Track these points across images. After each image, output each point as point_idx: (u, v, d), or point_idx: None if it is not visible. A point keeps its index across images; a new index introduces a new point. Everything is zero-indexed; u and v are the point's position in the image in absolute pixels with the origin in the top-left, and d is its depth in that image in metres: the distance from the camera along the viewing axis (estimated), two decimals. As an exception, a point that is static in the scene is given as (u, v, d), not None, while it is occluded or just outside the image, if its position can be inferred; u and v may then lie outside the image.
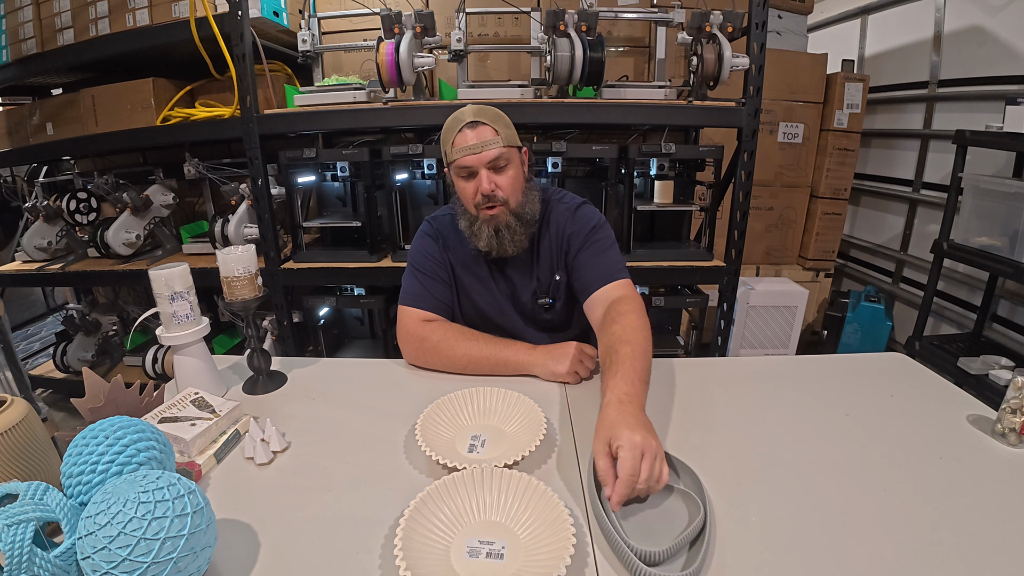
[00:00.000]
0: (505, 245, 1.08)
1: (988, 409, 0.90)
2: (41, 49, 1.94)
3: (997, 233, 1.98)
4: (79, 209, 2.25)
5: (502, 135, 1.03)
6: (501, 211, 1.06)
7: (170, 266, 0.92)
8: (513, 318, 1.20)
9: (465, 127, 1.02)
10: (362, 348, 2.35)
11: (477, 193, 1.05)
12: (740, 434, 0.85)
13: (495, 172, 1.05)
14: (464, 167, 1.04)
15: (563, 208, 1.16)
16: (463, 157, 1.03)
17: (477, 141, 1.02)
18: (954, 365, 2.09)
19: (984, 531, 0.64)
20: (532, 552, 0.60)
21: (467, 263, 1.18)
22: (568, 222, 1.14)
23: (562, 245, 1.15)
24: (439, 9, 1.96)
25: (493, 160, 1.03)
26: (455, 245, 1.17)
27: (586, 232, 1.13)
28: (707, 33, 1.67)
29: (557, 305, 1.19)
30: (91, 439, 0.62)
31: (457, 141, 1.03)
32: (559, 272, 1.16)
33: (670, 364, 1.08)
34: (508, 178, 1.05)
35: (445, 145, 1.06)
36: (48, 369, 2.50)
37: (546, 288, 1.18)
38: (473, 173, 1.04)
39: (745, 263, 2.39)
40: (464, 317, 1.21)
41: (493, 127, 1.03)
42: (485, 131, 1.02)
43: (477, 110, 1.04)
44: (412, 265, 1.17)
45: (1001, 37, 2.31)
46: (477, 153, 1.02)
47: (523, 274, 1.18)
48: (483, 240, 1.08)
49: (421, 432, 0.80)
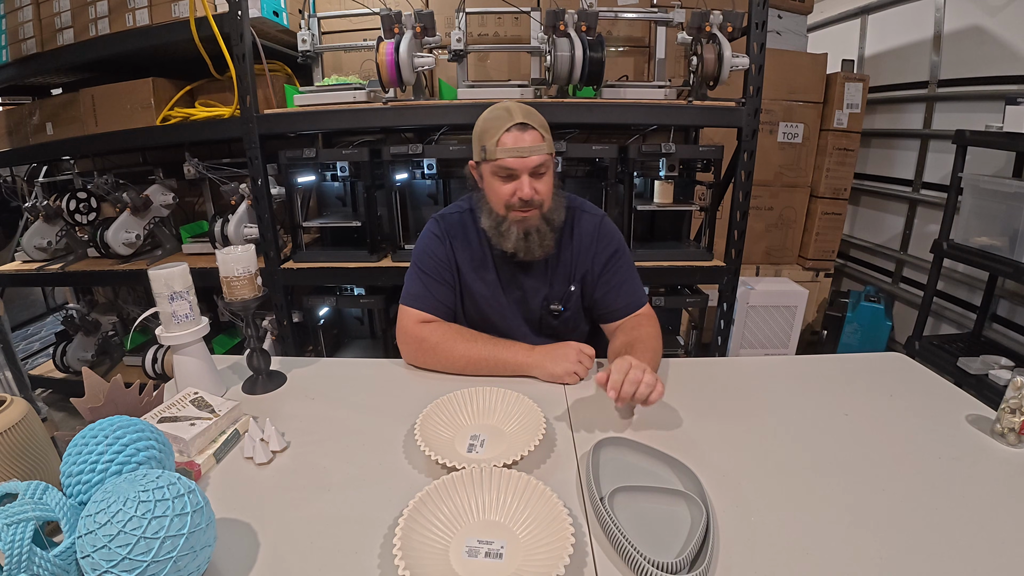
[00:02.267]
0: (533, 248, 1.08)
1: (987, 409, 0.90)
2: (41, 49, 1.94)
3: (997, 233, 1.98)
4: (79, 209, 2.25)
5: (546, 141, 1.03)
6: (534, 215, 1.06)
7: (170, 266, 0.92)
8: (517, 322, 1.19)
9: (514, 128, 1.00)
10: (362, 348, 2.35)
11: (514, 196, 1.03)
12: (740, 434, 0.85)
13: (535, 177, 1.04)
14: (507, 168, 1.02)
15: (587, 220, 1.17)
16: (508, 159, 1.01)
17: (526, 145, 1.00)
18: (954, 365, 2.08)
19: (983, 531, 0.64)
20: (531, 552, 0.60)
21: (476, 264, 1.16)
22: (594, 240, 1.15)
23: (584, 260, 1.15)
24: (439, 9, 1.96)
25: (537, 166, 1.02)
26: (464, 245, 1.16)
27: (609, 254, 1.15)
28: (707, 33, 1.67)
29: (567, 314, 1.19)
30: (91, 439, 0.62)
31: (504, 140, 1.00)
32: (575, 283, 1.17)
33: (670, 364, 1.09)
34: (545, 184, 1.05)
35: (485, 140, 1.03)
36: (48, 369, 2.50)
37: (559, 296, 1.18)
38: (513, 175, 1.03)
39: (745, 263, 2.39)
40: (466, 318, 1.21)
41: (541, 132, 1.02)
42: (534, 135, 1.01)
43: (526, 111, 1.02)
44: (416, 265, 1.16)
45: (1001, 37, 2.31)
46: (524, 157, 1.00)
47: (537, 279, 1.17)
48: (511, 242, 1.07)
49: (420, 432, 0.80)
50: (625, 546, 0.59)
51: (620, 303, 1.15)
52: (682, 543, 0.61)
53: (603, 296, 1.16)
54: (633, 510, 0.67)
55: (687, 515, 0.67)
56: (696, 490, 0.68)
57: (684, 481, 0.72)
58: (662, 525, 0.65)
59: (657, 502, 0.69)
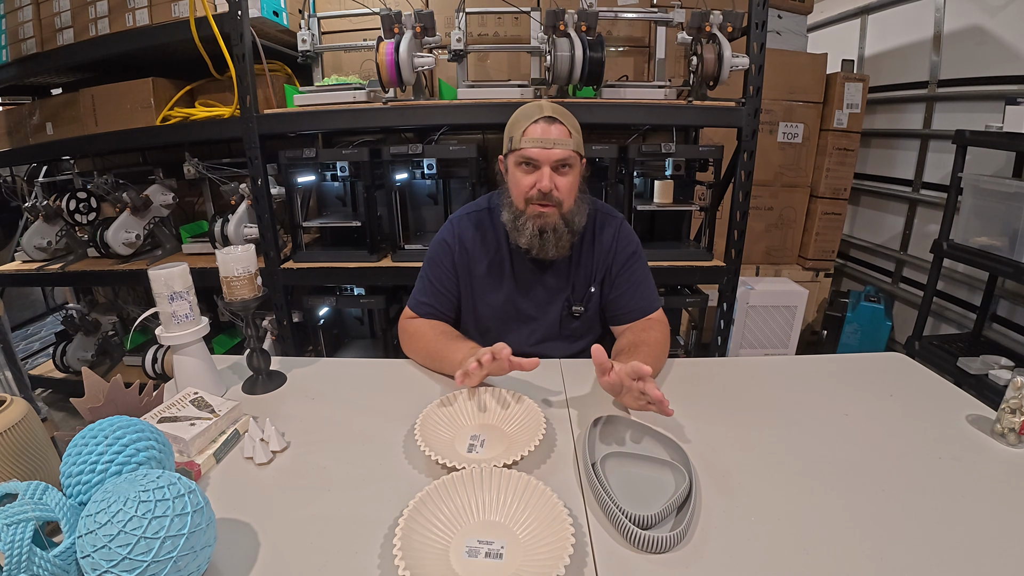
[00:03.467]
0: (548, 247, 1.08)
1: (987, 409, 0.90)
2: (41, 49, 1.94)
3: (997, 233, 1.98)
4: (79, 209, 2.25)
5: (574, 139, 1.03)
6: (553, 212, 1.06)
7: (169, 266, 0.92)
8: (535, 324, 1.19)
9: (542, 120, 1.02)
10: (362, 348, 2.35)
11: (534, 187, 1.04)
12: (739, 434, 0.85)
13: (557, 173, 1.04)
14: (529, 158, 1.03)
15: (609, 220, 1.18)
16: (531, 148, 1.02)
17: (551, 137, 1.01)
18: (954, 365, 2.09)
19: (983, 531, 0.64)
20: (531, 552, 0.60)
21: (491, 261, 1.17)
22: (614, 241, 1.16)
23: (606, 260, 1.16)
24: (439, 9, 1.96)
25: (559, 160, 1.03)
26: (478, 246, 1.16)
27: (628, 255, 1.16)
28: (707, 33, 1.67)
29: (588, 314, 1.19)
30: (90, 439, 0.62)
31: (530, 131, 1.02)
32: (595, 285, 1.18)
33: (670, 364, 1.09)
34: (568, 182, 1.05)
35: (513, 132, 1.05)
36: (48, 369, 2.50)
37: (580, 297, 1.18)
38: (535, 167, 1.04)
39: (745, 263, 2.39)
40: (478, 321, 1.20)
41: (569, 128, 1.03)
42: (561, 130, 1.02)
43: (555, 108, 1.04)
44: (424, 267, 1.20)
45: (1001, 37, 2.31)
46: (547, 149, 1.01)
47: (559, 279, 1.17)
48: (525, 237, 1.07)
49: (420, 432, 0.80)
50: (607, 502, 0.64)
51: (633, 305, 1.15)
52: (663, 505, 0.65)
53: (617, 297, 1.16)
54: (621, 474, 0.73)
55: (672, 483, 0.71)
56: (682, 461, 0.73)
57: (671, 453, 0.77)
58: (648, 489, 0.70)
59: (646, 469, 0.74)
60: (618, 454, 0.75)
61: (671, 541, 0.60)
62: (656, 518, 0.63)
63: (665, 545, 0.60)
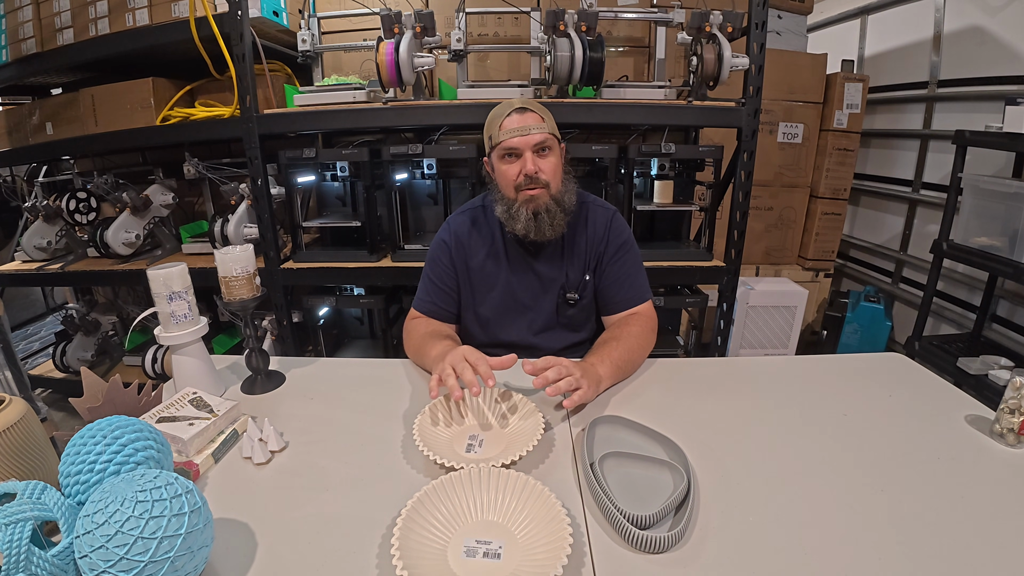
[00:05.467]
0: (544, 228, 1.10)
1: (986, 409, 0.90)
2: (41, 49, 1.94)
3: (997, 233, 1.98)
4: (79, 209, 2.25)
5: (547, 123, 1.08)
6: (542, 193, 1.09)
7: (168, 266, 0.92)
8: (532, 313, 1.21)
9: (514, 112, 1.07)
10: (362, 348, 2.35)
11: (520, 174, 1.08)
12: (739, 434, 0.85)
13: (539, 156, 1.08)
14: (510, 147, 1.07)
15: (600, 211, 1.21)
16: (510, 139, 1.06)
17: (527, 124, 1.06)
18: (953, 365, 2.08)
19: (982, 531, 0.64)
20: (529, 552, 0.60)
21: (488, 253, 1.20)
22: (607, 229, 1.18)
23: (597, 248, 1.19)
24: (439, 9, 1.96)
25: (539, 143, 1.07)
26: (474, 238, 1.20)
27: (619, 245, 1.18)
28: (707, 33, 1.67)
29: (583, 302, 1.21)
30: (89, 439, 0.62)
31: (506, 124, 1.07)
32: (589, 273, 1.20)
33: (670, 364, 1.09)
34: (550, 163, 1.09)
35: (491, 130, 1.10)
36: (48, 369, 2.51)
37: (575, 285, 1.20)
38: (518, 155, 1.08)
39: (745, 263, 2.39)
40: (479, 317, 1.22)
41: (539, 115, 1.08)
42: (534, 117, 1.07)
43: (525, 100, 1.10)
44: (425, 266, 1.23)
45: (1001, 37, 2.31)
46: (525, 135, 1.06)
47: (553, 267, 1.19)
48: (521, 223, 1.10)
49: (419, 432, 0.80)
50: (605, 502, 0.64)
51: (620, 296, 1.17)
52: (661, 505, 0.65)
53: (607, 287, 1.18)
54: (620, 474, 0.73)
55: (671, 482, 0.71)
56: (682, 462, 0.73)
57: (670, 454, 0.77)
58: (646, 489, 0.70)
59: (644, 469, 0.74)
60: (616, 454, 0.75)
61: (669, 541, 0.60)
62: (654, 518, 0.63)
63: (663, 545, 0.60)
